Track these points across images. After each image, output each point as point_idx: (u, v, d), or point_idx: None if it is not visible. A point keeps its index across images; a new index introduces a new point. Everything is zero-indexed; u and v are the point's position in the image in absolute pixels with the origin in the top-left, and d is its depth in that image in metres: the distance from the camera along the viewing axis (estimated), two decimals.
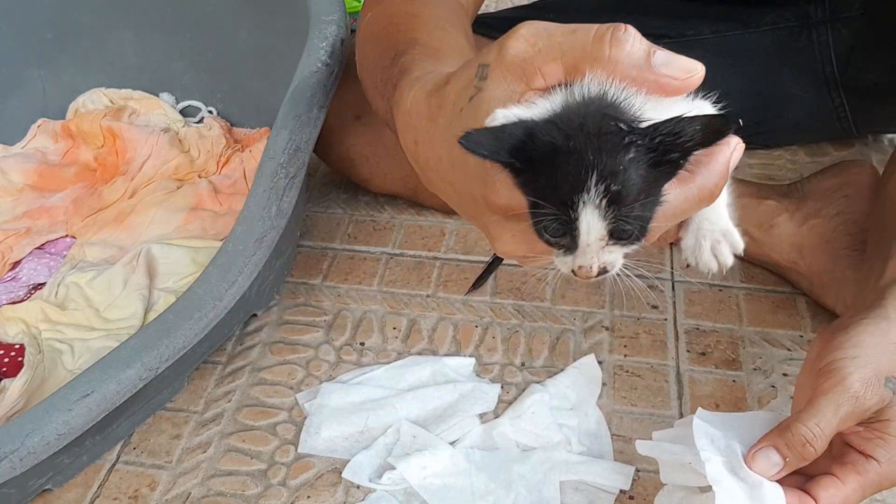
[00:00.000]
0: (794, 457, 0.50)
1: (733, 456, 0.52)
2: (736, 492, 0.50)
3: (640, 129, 0.40)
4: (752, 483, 0.50)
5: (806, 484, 0.52)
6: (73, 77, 1.15)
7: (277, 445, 0.74)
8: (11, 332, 0.84)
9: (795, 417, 0.51)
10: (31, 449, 0.61)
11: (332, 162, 1.00)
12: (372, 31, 0.71)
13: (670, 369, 0.80)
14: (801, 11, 0.94)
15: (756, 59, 0.96)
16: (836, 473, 0.51)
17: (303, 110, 0.77)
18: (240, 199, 0.99)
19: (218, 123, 1.10)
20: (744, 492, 0.50)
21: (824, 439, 0.50)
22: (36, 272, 0.93)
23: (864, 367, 0.51)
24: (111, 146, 1.08)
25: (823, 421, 0.50)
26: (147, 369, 0.66)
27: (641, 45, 0.42)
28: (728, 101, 0.98)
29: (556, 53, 0.43)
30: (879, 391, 0.50)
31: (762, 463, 0.51)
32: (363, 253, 0.96)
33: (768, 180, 1.01)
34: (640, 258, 0.98)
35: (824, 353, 0.53)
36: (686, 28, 0.96)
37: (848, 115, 0.96)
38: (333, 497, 0.70)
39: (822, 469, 0.52)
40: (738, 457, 0.52)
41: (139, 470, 0.73)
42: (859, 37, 0.91)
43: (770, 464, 0.51)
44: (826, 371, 0.51)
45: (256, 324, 0.87)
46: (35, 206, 1.03)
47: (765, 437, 0.52)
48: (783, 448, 0.50)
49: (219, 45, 1.09)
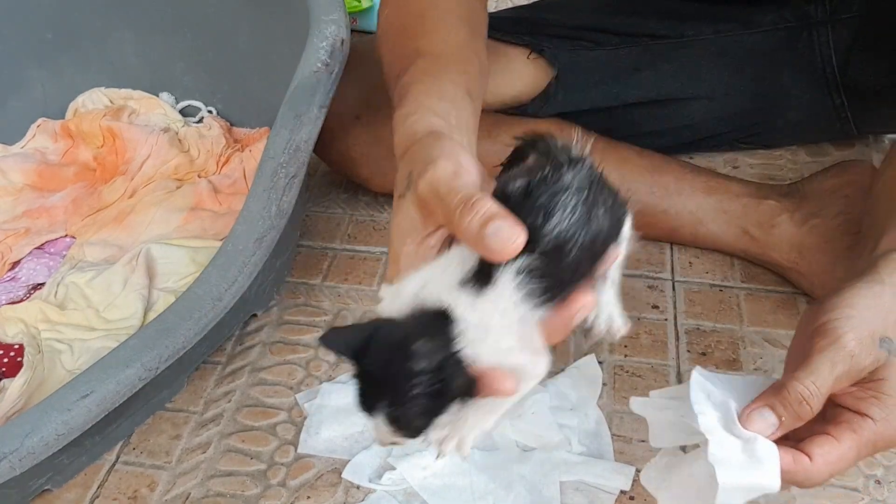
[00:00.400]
0: (789, 416, 0.50)
1: (728, 413, 0.51)
2: (729, 443, 0.49)
3: (427, 368, 0.44)
4: (746, 438, 0.50)
5: (800, 444, 0.51)
6: (72, 77, 1.15)
7: (277, 446, 0.74)
8: (11, 332, 0.84)
9: (791, 376, 0.50)
10: (30, 449, 0.61)
11: (331, 161, 1.00)
12: (386, 31, 0.74)
13: (671, 369, 0.80)
14: (801, 12, 0.94)
15: (756, 59, 0.96)
16: (831, 432, 0.50)
17: (303, 110, 0.77)
18: (240, 199, 0.99)
19: (218, 123, 1.10)
20: (737, 445, 0.49)
21: (820, 398, 0.49)
22: (35, 272, 0.93)
23: (859, 327, 0.50)
24: (111, 146, 1.08)
25: (819, 379, 0.49)
26: (146, 369, 0.66)
27: (484, 216, 0.45)
28: (729, 101, 0.99)
29: (441, 207, 0.48)
30: (874, 351, 0.50)
31: (757, 422, 0.50)
32: (363, 253, 0.96)
33: (769, 180, 1.01)
34: (640, 258, 0.98)
35: (818, 314, 0.52)
36: (686, 28, 0.96)
37: (848, 115, 0.96)
38: (333, 497, 0.69)
39: (816, 433, 0.52)
40: (732, 414, 0.51)
41: (139, 470, 0.73)
42: (858, 38, 0.91)
43: (765, 424, 0.50)
44: (821, 331, 0.51)
45: (256, 324, 0.87)
46: (35, 205, 1.03)
47: (760, 397, 0.51)
48: (778, 407, 0.50)
49: (219, 45, 1.09)
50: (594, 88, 0.94)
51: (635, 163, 0.92)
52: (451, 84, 0.61)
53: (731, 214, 0.89)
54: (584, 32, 0.96)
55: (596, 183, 0.48)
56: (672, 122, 0.97)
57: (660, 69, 0.95)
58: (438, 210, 0.48)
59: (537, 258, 0.46)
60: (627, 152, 0.93)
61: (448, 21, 0.71)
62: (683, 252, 0.93)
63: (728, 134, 1.02)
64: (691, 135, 1.00)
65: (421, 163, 0.49)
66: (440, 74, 0.62)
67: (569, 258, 0.46)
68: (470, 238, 0.45)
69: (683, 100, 0.96)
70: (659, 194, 0.91)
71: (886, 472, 0.70)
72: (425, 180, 0.48)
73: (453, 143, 0.51)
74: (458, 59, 0.67)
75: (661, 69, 0.95)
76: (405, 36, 0.69)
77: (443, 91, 0.59)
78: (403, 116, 0.57)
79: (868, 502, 0.68)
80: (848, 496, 0.68)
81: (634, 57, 0.95)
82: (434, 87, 0.60)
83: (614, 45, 0.95)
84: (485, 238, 0.44)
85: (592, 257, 0.48)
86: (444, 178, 0.47)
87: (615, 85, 0.95)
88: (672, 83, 0.96)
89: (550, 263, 0.46)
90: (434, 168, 0.48)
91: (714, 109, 0.97)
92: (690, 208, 0.91)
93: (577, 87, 0.93)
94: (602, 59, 0.95)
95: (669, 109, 0.97)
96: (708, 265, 0.91)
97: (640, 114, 0.97)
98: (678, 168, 0.92)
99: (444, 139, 0.52)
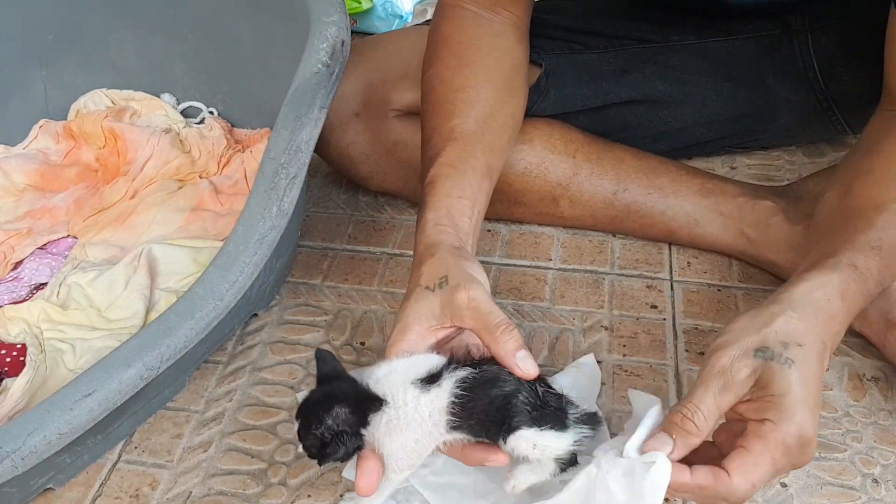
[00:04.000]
0: (678, 434, 0.55)
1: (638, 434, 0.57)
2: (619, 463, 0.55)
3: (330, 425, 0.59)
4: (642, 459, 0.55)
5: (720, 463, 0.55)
6: (74, 78, 1.15)
7: (278, 445, 0.75)
8: (13, 331, 0.84)
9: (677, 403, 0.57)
10: (32, 448, 0.61)
11: (331, 159, 1.00)
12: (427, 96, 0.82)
13: (669, 369, 0.80)
14: (781, 21, 0.95)
15: (740, 64, 0.97)
16: (742, 444, 0.55)
17: (303, 111, 0.78)
18: (241, 200, 0.99)
19: (219, 124, 1.10)
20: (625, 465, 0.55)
21: (701, 415, 0.55)
22: (38, 272, 0.94)
23: (729, 348, 0.57)
24: (112, 147, 1.09)
25: (696, 398, 0.56)
26: (148, 369, 0.67)
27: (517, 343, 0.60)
28: (719, 106, 1.01)
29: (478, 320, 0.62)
30: (749, 362, 0.56)
31: (654, 443, 0.56)
32: (363, 253, 0.97)
33: (767, 181, 1.01)
34: (638, 258, 0.98)
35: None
36: (671, 34, 0.97)
37: (839, 117, 0.97)
38: (334, 496, 0.70)
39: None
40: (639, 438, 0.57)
41: (140, 469, 0.73)
42: (839, 48, 0.92)
43: (661, 443, 0.55)
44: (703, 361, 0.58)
45: (257, 323, 0.87)
46: (37, 206, 1.03)
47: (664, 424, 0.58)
48: (668, 429, 0.56)
49: (220, 47, 1.09)
50: (585, 87, 0.95)
51: (631, 164, 0.92)
52: (473, 173, 0.74)
53: (727, 216, 0.90)
54: (574, 35, 0.97)
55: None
56: (665, 125, 0.98)
57: (646, 72, 0.96)
58: (470, 321, 0.62)
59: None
60: (623, 154, 0.93)
61: (482, 96, 0.79)
62: (682, 252, 0.94)
63: (723, 140, 1.03)
64: (686, 139, 1.00)
65: (459, 276, 0.63)
66: (465, 167, 0.74)
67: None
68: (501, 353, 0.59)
69: (674, 103, 0.97)
70: (655, 196, 0.91)
71: (884, 471, 0.70)
72: (468, 295, 0.62)
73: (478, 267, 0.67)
74: (486, 134, 0.77)
75: (648, 72, 0.96)
76: (442, 114, 0.78)
77: (463, 188, 0.73)
78: (430, 222, 0.70)
79: (865, 501, 0.68)
80: (845, 495, 0.69)
81: (622, 60, 0.96)
82: (457, 183, 0.73)
83: (603, 47, 0.97)
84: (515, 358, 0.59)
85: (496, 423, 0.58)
86: (484, 301, 0.62)
87: (605, 83, 0.96)
88: (660, 85, 0.96)
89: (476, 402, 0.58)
90: (475, 288, 0.62)
91: (706, 114, 0.98)
92: (687, 210, 0.91)
93: (569, 86, 0.94)
94: (591, 61, 0.96)
95: (661, 113, 0.98)
96: (706, 265, 0.92)
97: (634, 116, 0.97)
98: (674, 170, 0.93)
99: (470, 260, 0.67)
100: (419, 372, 0.60)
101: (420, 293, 0.64)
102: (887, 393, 0.77)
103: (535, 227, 0.98)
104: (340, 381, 0.62)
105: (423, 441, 0.59)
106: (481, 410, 0.58)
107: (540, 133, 0.91)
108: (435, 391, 0.59)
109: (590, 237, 0.97)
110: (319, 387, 0.63)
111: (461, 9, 0.85)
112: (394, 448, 0.59)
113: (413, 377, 0.60)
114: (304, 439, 0.61)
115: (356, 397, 0.60)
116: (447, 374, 0.59)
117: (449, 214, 0.71)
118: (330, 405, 0.59)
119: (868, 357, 0.80)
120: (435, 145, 0.77)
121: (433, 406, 0.59)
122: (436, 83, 0.82)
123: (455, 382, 0.59)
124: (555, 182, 0.92)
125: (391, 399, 0.59)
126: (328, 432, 0.59)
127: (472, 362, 0.60)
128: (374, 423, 0.59)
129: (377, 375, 0.61)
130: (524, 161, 0.91)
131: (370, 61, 0.95)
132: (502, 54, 0.83)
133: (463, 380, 0.59)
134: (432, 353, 0.63)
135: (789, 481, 0.70)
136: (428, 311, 0.63)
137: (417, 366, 0.61)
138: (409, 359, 0.62)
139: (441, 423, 0.59)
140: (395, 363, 0.61)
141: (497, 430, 0.58)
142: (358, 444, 0.60)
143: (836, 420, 0.75)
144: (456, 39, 0.83)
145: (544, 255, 0.95)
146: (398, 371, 0.61)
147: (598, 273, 0.92)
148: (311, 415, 0.60)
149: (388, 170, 0.98)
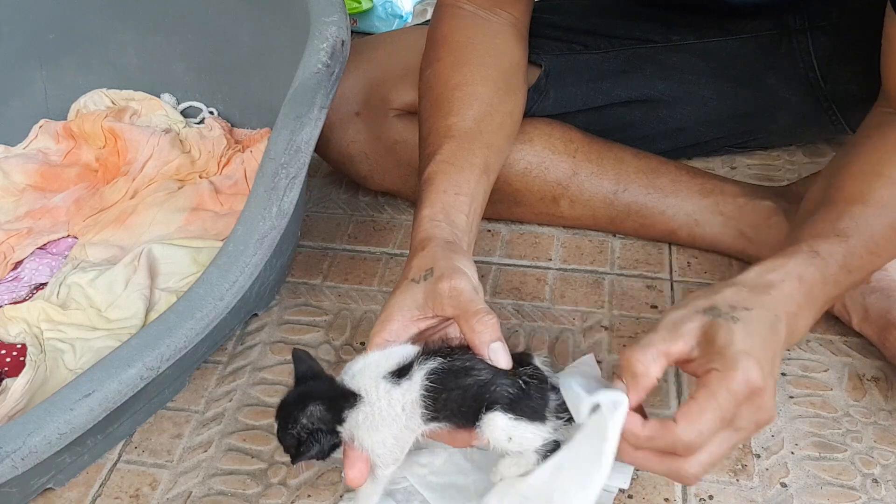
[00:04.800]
0: (627, 376, 0.57)
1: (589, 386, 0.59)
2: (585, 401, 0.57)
3: (305, 424, 0.60)
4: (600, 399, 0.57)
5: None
6: (74, 78, 1.15)
7: (278, 445, 0.74)
8: (13, 331, 0.84)
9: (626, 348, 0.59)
10: (32, 448, 0.61)
11: (331, 159, 1.00)
12: (424, 95, 0.82)
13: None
14: (779, 21, 0.95)
15: (740, 64, 0.97)
16: (691, 396, 0.56)
17: (303, 111, 0.78)
18: (241, 200, 0.99)
19: (219, 124, 1.10)
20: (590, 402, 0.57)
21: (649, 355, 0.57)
22: (38, 272, 0.94)
23: (679, 309, 0.59)
24: (112, 147, 1.09)
25: (643, 341, 0.58)
26: (148, 369, 0.67)
27: (493, 333, 0.60)
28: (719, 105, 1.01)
29: (458, 309, 0.61)
30: (697, 317, 0.58)
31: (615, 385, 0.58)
32: (363, 253, 0.97)
33: (767, 181, 1.01)
34: (638, 258, 0.98)
35: None
36: (671, 34, 0.98)
37: (839, 117, 0.97)
38: (334, 496, 0.70)
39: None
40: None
41: (140, 469, 0.73)
42: (837, 48, 0.92)
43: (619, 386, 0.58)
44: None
45: (257, 323, 0.87)
46: (37, 206, 1.03)
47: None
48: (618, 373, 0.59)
49: (220, 47, 1.09)
50: (585, 87, 0.95)
51: (631, 164, 0.92)
52: (470, 170, 0.74)
53: (727, 216, 0.90)
54: (574, 35, 0.97)
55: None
56: (665, 125, 0.98)
57: (646, 72, 0.96)
58: (450, 309, 0.61)
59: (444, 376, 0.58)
60: (624, 154, 0.93)
61: (480, 94, 0.79)
62: (682, 252, 0.94)
63: (723, 139, 1.03)
64: (686, 139, 1.00)
65: (444, 268, 0.63)
66: (462, 163, 0.74)
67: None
68: (475, 342, 0.59)
69: (674, 103, 0.97)
70: (655, 196, 0.92)
71: (884, 471, 0.70)
72: (450, 285, 0.61)
73: (468, 261, 0.66)
74: (484, 132, 0.77)
75: (648, 72, 0.96)
76: (440, 112, 0.78)
77: (460, 185, 0.73)
78: (426, 218, 0.70)
79: (865, 501, 0.68)
80: (845, 495, 0.68)
81: (622, 60, 0.97)
82: (454, 180, 0.73)
83: (602, 47, 0.97)
84: (489, 350, 0.59)
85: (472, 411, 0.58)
86: (466, 290, 0.62)
87: (604, 83, 0.96)
88: (660, 85, 0.97)
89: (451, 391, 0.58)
90: (458, 279, 0.62)
91: (706, 113, 0.98)
92: (687, 210, 0.91)
93: (569, 86, 0.95)
94: (591, 61, 0.96)
95: (661, 112, 0.98)
96: (706, 265, 0.92)
97: (634, 116, 0.98)
98: (674, 170, 0.93)
99: (461, 254, 0.66)
100: (391, 365, 0.60)
101: (406, 285, 0.64)
102: (887, 393, 0.77)
103: (535, 226, 0.99)
104: (316, 380, 0.62)
105: (401, 435, 0.59)
106: (455, 400, 0.58)
107: (540, 133, 0.92)
108: (406, 384, 0.58)
109: (590, 237, 0.97)
110: (296, 387, 0.63)
111: (460, 9, 0.85)
112: (374, 443, 0.59)
113: (385, 371, 0.60)
114: (282, 439, 0.61)
115: (331, 395, 0.60)
116: (417, 366, 0.59)
117: (445, 210, 0.71)
118: (304, 404, 0.60)
119: (868, 357, 0.80)
120: (432, 143, 0.77)
121: (405, 399, 0.58)
122: (434, 82, 0.82)
123: (425, 374, 0.58)
124: (555, 182, 0.92)
125: (365, 394, 0.59)
126: (303, 431, 0.60)
127: (444, 352, 0.60)
128: (352, 419, 0.59)
129: (353, 371, 0.61)
130: (524, 161, 0.91)
131: (370, 61, 0.96)
132: (500, 53, 0.83)
133: (433, 371, 0.58)
134: (410, 343, 0.63)
135: (789, 481, 0.70)
136: (411, 301, 0.63)
137: (390, 358, 0.61)
138: (383, 352, 0.61)
139: (415, 415, 0.58)
140: (370, 357, 0.61)
141: (474, 420, 0.58)
142: (334, 442, 0.60)
143: (836, 420, 0.75)
144: (454, 39, 0.83)
145: (544, 255, 0.95)
146: (371, 365, 0.61)
147: (598, 273, 0.92)
148: (287, 415, 0.60)
149: (387, 169, 0.98)
